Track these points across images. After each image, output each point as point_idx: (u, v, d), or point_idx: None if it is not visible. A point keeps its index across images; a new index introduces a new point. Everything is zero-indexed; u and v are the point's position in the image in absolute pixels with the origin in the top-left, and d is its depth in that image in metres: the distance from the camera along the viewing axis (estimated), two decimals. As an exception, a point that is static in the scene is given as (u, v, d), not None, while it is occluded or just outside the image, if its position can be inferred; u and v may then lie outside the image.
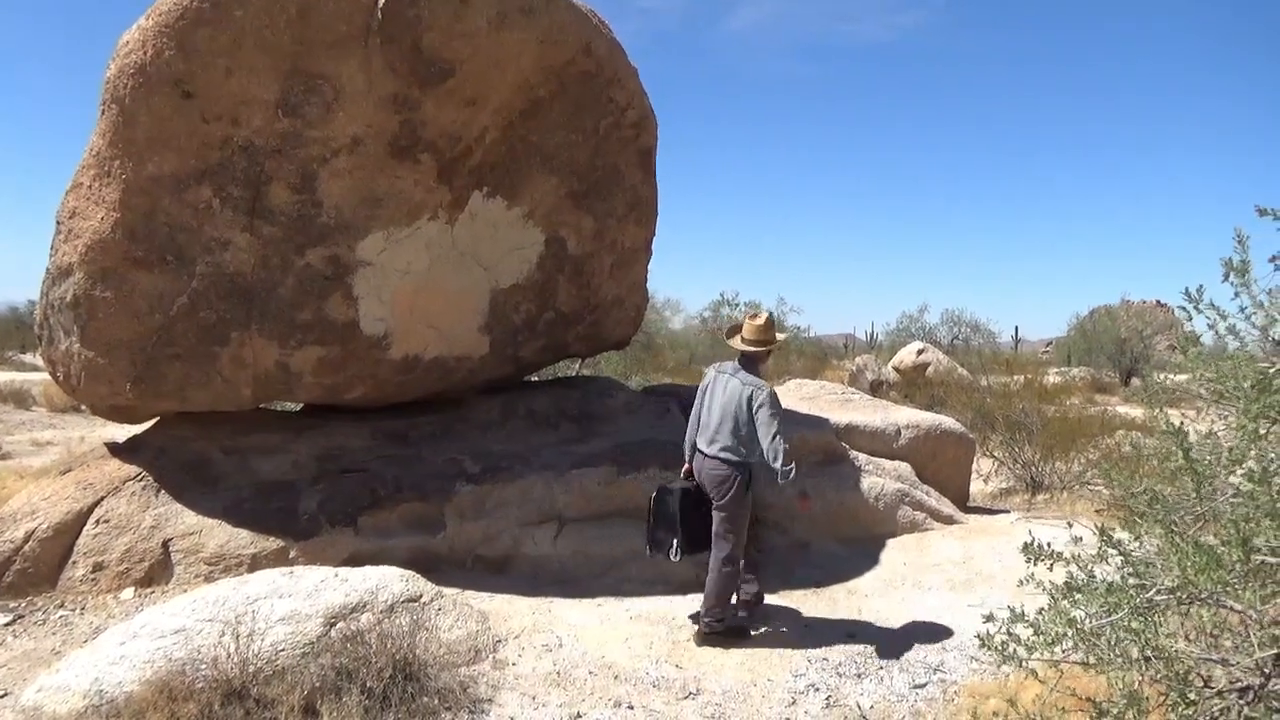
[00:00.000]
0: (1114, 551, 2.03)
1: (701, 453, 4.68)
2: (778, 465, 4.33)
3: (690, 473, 4.86)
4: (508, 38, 4.96)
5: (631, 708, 3.82)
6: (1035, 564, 2.05)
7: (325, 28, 4.53)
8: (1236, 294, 2.99)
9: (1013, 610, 2.04)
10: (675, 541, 4.67)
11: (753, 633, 4.74)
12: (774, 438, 4.37)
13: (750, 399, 4.48)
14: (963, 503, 7.73)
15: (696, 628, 4.64)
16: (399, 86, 4.79)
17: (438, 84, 4.86)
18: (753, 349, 4.73)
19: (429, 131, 5.03)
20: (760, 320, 4.79)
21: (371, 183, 5.05)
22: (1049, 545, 2.09)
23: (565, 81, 5.62)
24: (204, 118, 4.62)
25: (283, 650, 3.77)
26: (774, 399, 4.48)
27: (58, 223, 5.06)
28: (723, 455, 4.55)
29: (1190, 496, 2.05)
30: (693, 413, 4.85)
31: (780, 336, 4.93)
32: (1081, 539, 2.14)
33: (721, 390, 4.65)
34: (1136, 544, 2.11)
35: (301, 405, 6.79)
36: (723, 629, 4.58)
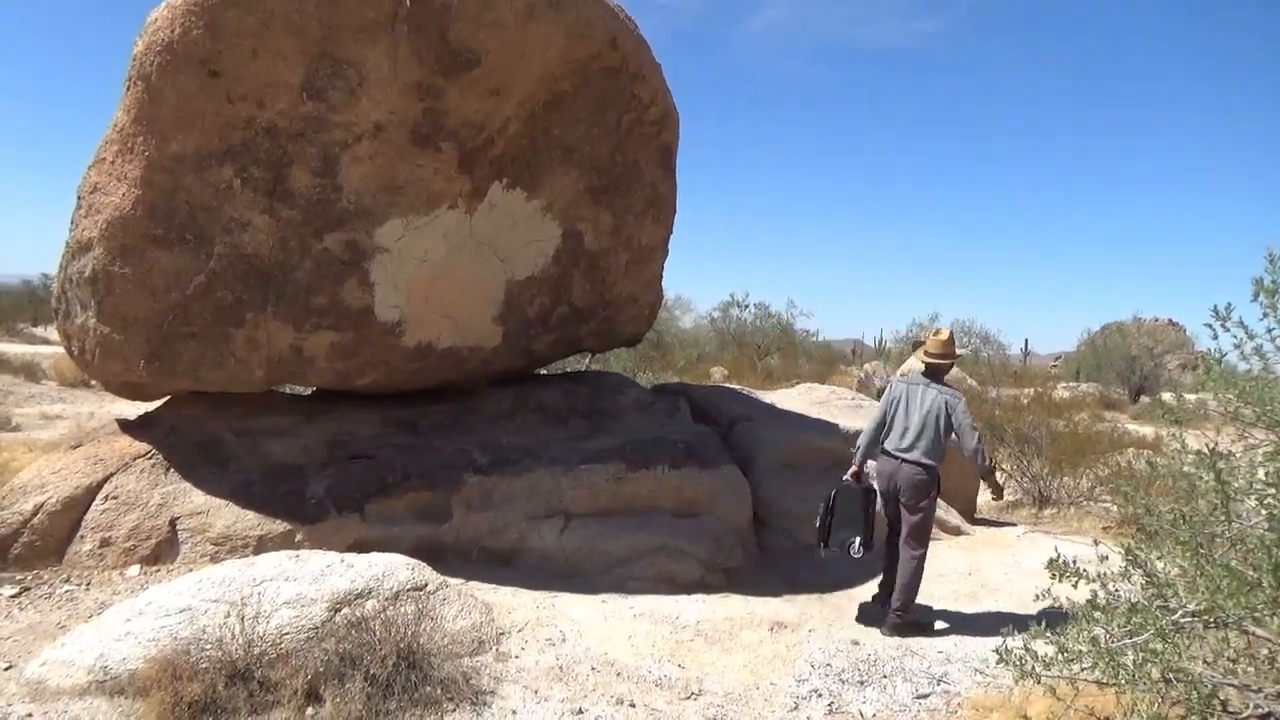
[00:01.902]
0: (1138, 571, 2.01)
1: (898, 457, 4.97)
2: (981, 458, 4.88)
3: (858, 474, 5.18)
4: (535, 29, 4.94)
5: (633, 705, 3.81)
6: (1060, 580, 2.03)
7: (353, 13, 4.52)
8: (1265, 314, 2.96)
9: (1034, 625, 2.01)
10: (859, 539, 5.01)
11: (937, 626, 5.08)
12: (978, 438, 4.92)
13: (948, 406, 4.90)
14: (970, 514, 7.71)
15: (888, 618, 4.94)
16: (424, 74, 4.77)
17: (463, 73, 4.85)
18: (937, 362, 5.10)
19: (452, 120, 5.02)
20: (944, 336, 5.17)
21: (392, 169, 5.03)
22: (1074, 561, 2.07)
23: (589, 75, 5.60)
24: (229, 98, 4.62)
25: (287, 634, 3.76)
26: (967, 405, 4.99)
27: (79, 197, 5.06)
28: (924, 460, 4.88)
29: (1218, 519, 2.02)
30: (874, 420, 5.16)
31: (960, 352, 5.37)
32: (1107, 558, 2.12)
33: (918, 400, 4.99)
34: (1160, 564, 2.08)
35: (313, 389, 6.79)
36: (909, 620, 4.91)
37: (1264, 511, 1.93)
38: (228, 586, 4.04)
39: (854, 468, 5.20)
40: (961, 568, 6.12)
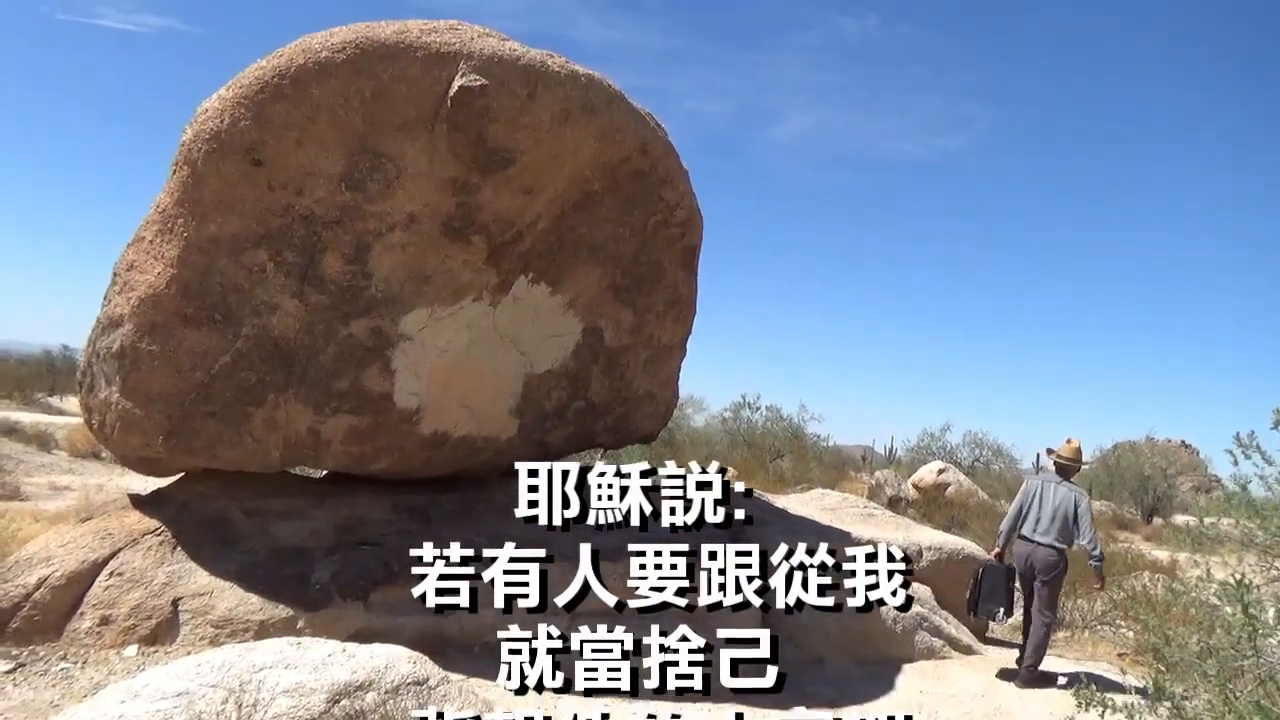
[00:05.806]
0: (1164, 703, 1.96)
1: (1033, 541, 6.04)
2: (1096, 552, 5.94)
3: (1001, 555, 6.28)
4: (569, 133, 5.13)
5: (634, 820, 3.67)
6: (1086, 708, 1.98)
7: (396, 110, 4.71)
8: (1287, 444, 2.96)
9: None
10: (1002, 609, 6.05)
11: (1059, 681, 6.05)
12: (1095, 532, 6.01)
13: (1077, 502, 5.99)
14: (981, 633, 7.51)
15: (1020, 673, 5.97)
16: (459, 171, 4.94)
17: (497, 171, 5.01)
18: (1067, 464, 6.19)
19: (483, 215, 5.17)
20: (1075, 445, 6.28)
21: (422, 260, 5.16)
22: (1101, 692, 2.02)
23: (619, 177, 5.78)
24: (270, 185, 4.78)
25: (284, 724, 3.67)
26: (1090, 504, 6.06)
27: (114, 274, 5.18)
28: (1057, 544, 5.97)
29: (1244, 652, 1.98)
30: (1013, 509, 6.26)
31: (1087, 459, 6.40)
32: (1145, 689, 2.07)
33: (1051, 495, 6.07)
34: (1185, 698, 2.03)
35: (325, 472, 6.78)
36: (1039, 674, 5.96)
37: (1294, 647, 1.90)
38: (226, 671, 3.95)
39: (997, 549, 6.29)
40: (974, 689, 5.93)
